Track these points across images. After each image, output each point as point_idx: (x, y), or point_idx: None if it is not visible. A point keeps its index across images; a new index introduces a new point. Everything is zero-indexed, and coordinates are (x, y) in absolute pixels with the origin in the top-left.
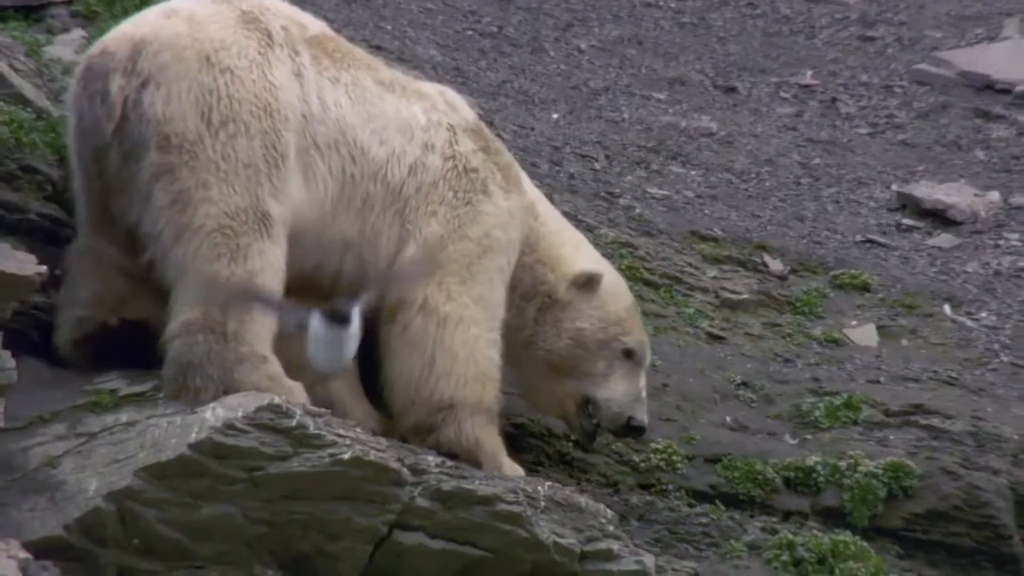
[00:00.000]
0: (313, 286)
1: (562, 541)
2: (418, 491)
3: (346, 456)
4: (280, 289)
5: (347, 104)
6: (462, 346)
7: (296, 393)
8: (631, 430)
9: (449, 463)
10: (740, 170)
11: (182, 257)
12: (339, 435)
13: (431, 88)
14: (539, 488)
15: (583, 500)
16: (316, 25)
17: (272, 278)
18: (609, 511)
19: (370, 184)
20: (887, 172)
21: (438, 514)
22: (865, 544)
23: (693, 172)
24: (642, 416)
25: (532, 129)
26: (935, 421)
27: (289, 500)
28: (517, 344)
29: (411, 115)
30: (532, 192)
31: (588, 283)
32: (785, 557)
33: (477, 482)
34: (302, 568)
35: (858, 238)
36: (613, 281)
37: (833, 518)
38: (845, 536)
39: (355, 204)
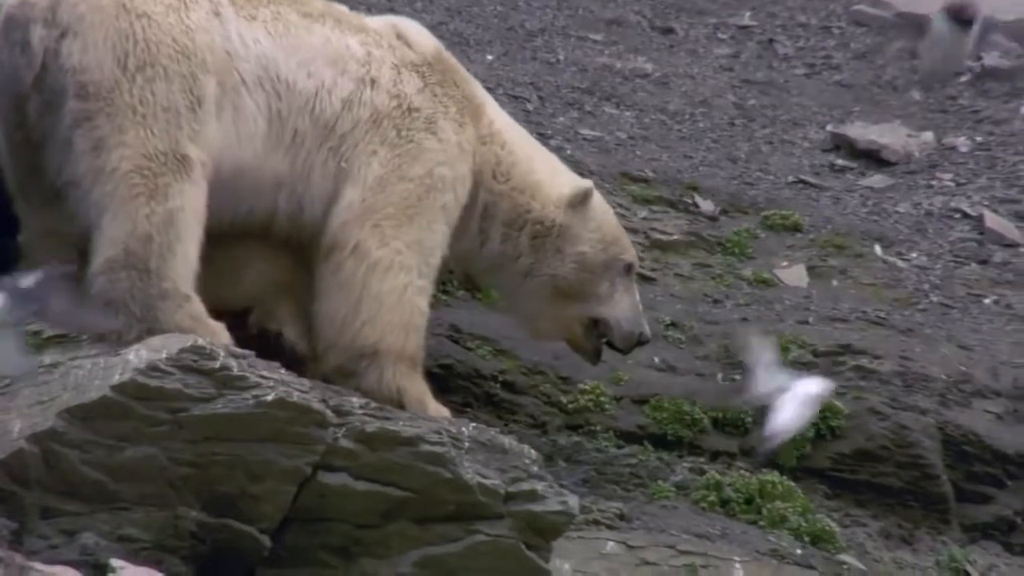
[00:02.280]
0: (249, 229)
1: (486, 482)
2: (342, 432)
3: (270, 397)
4: (201, 232)
5: (266, 39)
6: (389, 293)
7: (219, 334)
8: (639, 344)
9: (373, 404)
10: (674, 111)
11: (100, 198)
12: (263, 376)
13: (379, 21)
14: (463, 429)
15: (508, 441)
16: None
17: (193, 218)
18: (534, 452)
19: (298, 119)
20: (822, 113)
21: (362, 455)
22: (792, 484)
23: (627, 113)
24: (647, 329)
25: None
26: (863, 361)
27: (213, 441)
28: (516, 273)
29: (343, 47)
30: (500, 120)
31: (583, 198)
32: (713, 497)
33: (401, 423)
34: (226, 509)
35: (790, 179)
36: (599, 200)
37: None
38: (772, 476)
39: (284, 141)
